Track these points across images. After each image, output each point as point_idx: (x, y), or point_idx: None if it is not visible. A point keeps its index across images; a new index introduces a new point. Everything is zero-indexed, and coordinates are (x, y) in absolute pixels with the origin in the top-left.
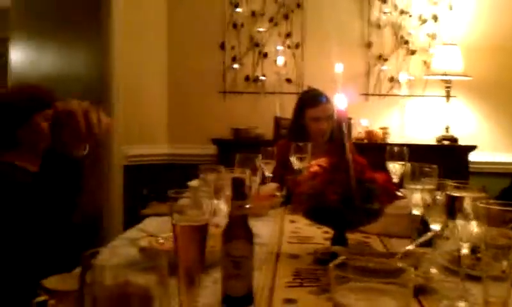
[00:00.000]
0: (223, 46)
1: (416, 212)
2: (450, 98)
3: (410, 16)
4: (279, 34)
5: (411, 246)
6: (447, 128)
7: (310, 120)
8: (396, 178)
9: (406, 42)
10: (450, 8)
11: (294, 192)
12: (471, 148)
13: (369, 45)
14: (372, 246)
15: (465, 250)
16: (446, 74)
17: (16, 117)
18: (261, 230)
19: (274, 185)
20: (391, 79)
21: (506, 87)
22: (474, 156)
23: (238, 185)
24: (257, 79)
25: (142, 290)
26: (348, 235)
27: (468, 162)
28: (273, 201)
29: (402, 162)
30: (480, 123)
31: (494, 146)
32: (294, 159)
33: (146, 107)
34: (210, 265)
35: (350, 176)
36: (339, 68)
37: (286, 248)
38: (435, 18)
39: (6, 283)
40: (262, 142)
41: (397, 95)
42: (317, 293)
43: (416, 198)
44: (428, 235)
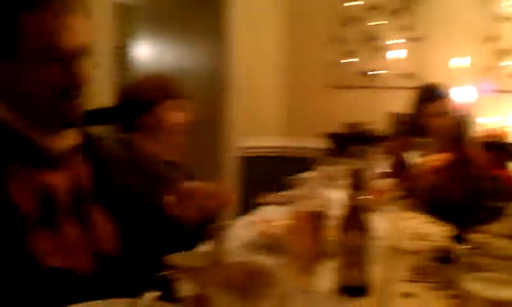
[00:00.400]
0: (338, 40)
1: None
2: None
3: None
4: (397, 27)
5: None
6: None
7: (429, 116)
8: None
9: None
10: None
11: (413, 187)
12: None
13: (493, 39)
14: (495, 246)
15: None
16: None
17: (142, 103)
18: (377, 224)
19: (390, 180)
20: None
21: None
22: None
23: (356, 176)
24: (372, 73)
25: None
26: (469, 234)
27: None
28: (390, 196)
29: None
30: None
31: None
32: (413, 155)
33: (262, 100)
34: (326, 255)
35: (475, 172)
36: (461, 63)
37: (404, 243)
38: None
39: (134, 258)
40: (377, 137)
41: None
42: (438, 289)
43: None
44: None
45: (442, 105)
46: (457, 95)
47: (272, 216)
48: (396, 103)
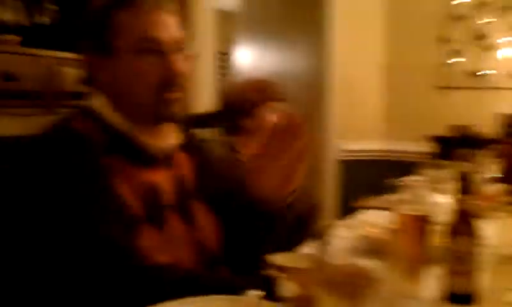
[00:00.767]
0: (443, 39)
1: None
2: None
3: None
4: (507, 25)
5: None
6: None
7: None
8: None
9: None
10: None
11: None
12: None
13: None
14: None
15: None
16: None
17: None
18: (486, 231)
19: (501, 186)
20: None
21: None
22: None
23: (465, 179)
24: (480, 74)
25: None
26: None
27: None
28: (500, 202)
29: None
30: None
31: None
32: None
33: (361, 102)
34: (431, 261)
35: None
36: None
37: None
38: None
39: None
40: (485, 140)
41: None
42: None
43: None
44: None
45: None
46: None
47: (374, 220)
48: (506, 104)
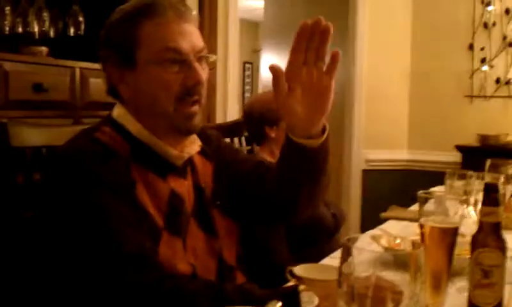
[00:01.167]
0: (471, 47)
1: None
2: None
3: None
4: None
5: None
6: None
7: None
8: None
9: None
10: None
11: None
12: None
13: None
14: None
15: None
16: None
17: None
18: None
19: None
20: None
21: None
22: None
23: (491, 191)
24: (510, 82)
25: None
26: None
27: None
28: None
29: None
30: None
31: None
32: None
33: (387, 112)
34: (456, 273)
35: None
36: None
37: None
38: None
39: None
40: None
41: None
42: None
43: None
44: None
45: None
46: None
47: (399, 232)
48: None
